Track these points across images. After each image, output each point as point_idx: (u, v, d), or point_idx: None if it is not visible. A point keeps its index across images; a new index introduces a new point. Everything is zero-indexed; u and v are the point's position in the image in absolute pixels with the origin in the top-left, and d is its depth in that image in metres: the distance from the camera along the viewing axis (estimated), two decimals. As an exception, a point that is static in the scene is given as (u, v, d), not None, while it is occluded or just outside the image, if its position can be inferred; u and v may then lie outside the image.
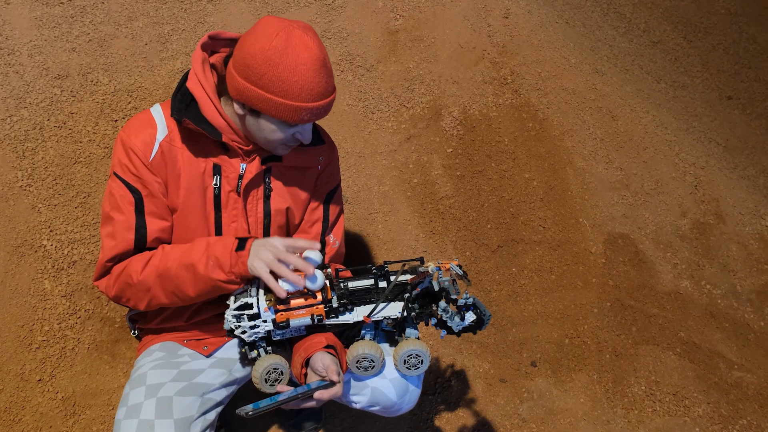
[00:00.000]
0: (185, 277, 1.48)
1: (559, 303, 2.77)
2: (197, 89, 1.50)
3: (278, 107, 1.41)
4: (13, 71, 2.41)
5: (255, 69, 1.38)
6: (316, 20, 2.95)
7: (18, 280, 2.17)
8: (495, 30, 3.22)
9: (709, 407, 2.62)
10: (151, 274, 1.51)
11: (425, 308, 1.57)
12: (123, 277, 1.54)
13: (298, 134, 1.51)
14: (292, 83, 1.38)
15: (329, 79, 1.43)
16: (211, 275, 1.46)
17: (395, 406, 1.70)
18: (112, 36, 2.59)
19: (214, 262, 1.46)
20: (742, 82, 4.07)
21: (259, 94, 1.40)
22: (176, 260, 1.50)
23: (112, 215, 1.54)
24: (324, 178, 1.74)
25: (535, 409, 2.51)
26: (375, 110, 2.90)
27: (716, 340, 2.82)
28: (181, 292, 1.51)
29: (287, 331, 1.55)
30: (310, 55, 1.37)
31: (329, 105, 1.47)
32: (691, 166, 3.24)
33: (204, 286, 1.48)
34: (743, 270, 3.03)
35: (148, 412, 1.53)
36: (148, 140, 1.52)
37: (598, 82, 3.30)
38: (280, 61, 1.36)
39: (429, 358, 1.58)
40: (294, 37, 1.37)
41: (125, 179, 1.53)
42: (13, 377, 2.08)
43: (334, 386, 1.48)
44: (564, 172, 3.03)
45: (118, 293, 1.58)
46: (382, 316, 1.55)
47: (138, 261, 1.53)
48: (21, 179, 2.27)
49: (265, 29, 1.39)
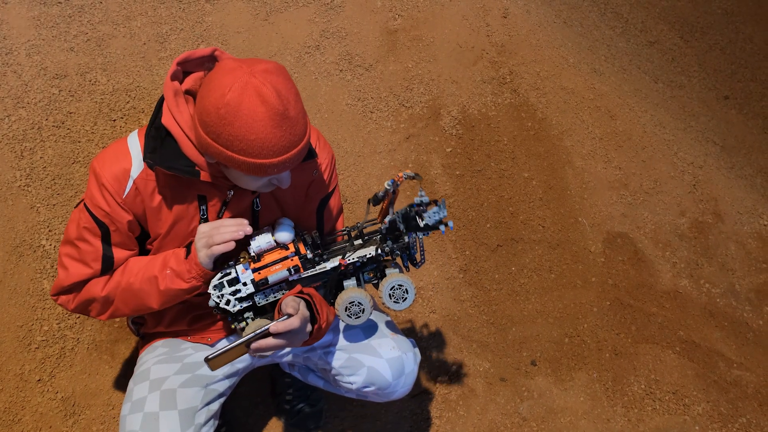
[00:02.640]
0: (149, 290, 1.51)
1: (558, 302, 2.77)
2: (172, 126, 1.41)
3: (241, 164, 1.31)
4: (11, 71, 2.40)
5: (212, 127, 1.28)
6: (315, 20, 2.94)
7: (17, 280, 2.16)
8: (494, 29, 3.22)
9: (708, 406, 2.62)
10: (115, 289, 1.53)
11: (398, 242, 1.61)
12: (83, 294, 1.55)
13: (275, 180, 1.43)
14: (250, 141, 1.27)
15: (294, 128, 1.31)
16: (171, 286, 1.48)
17: (390, 387, 1.71)
18: (111, 35, 2.59)
19: (172, 273, 1.48)
20: (739, 81, 4.07)
21: (221, 151, 1.31)
22: (138, 275, 1.52)
23: (78, 244, 1.52)
24: (315, 186, 1.69)
25: (536, 407, 2.51)
26: (374, 110, 2.90)
27: (715, 338, 2.82)
28: (144, 305, 1.54)
29: (269, 290, 1.56)
30: (266, 109, 1.25)
31: (299, 154, 1.36)
32: (690, 165, 3.24)
33: (167, 297, 1.51)
34: (742, 269, 3.04)
35: (153, 405, 1.54)
36: (121, 177, 1.46)
37: (597, 81, 3.31)
38: (234, 119, 1.25)
39: (414, 288, 1.62)
40: (248, 90, 1.25)
41: (95, 214, 1.49)
42: (12, 377, 2.07)
43: (290, 318, 1.44)
44: (563, 172, 3.03)
45: (78, 309, 1.59)
46: (357, 257, 1.59)
47: (97, 282, 1.54)
48: (19, 179, 2.27)
49: (220, 80, 1.27)
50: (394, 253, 1.62)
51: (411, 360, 1.74)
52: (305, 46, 2.89)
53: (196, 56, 1.45)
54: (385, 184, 1.51)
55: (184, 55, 1.43)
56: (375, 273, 1.66)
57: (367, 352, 1.72)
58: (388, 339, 1.73)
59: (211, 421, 1.63)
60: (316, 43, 2.91)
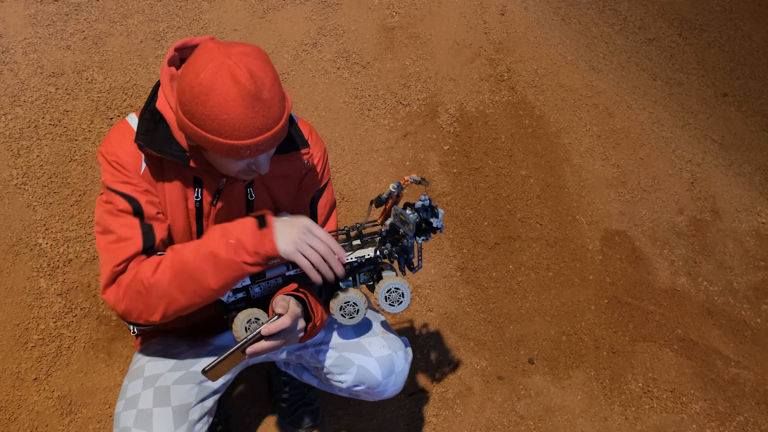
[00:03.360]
0: (205, 268, 1.39)
1: (556, 300, 2.77)
2: (166, 110, 1.42)
3: (215, 145, 1.31)
4: (8, 69, 2.39)
5: (187, 105, 1.29)
6: (312, 17, 2.94)
7: (13, 278, 2.15)
8: (491, 27, 3.21)
9: (706, 404, 2.62)
10: (165, 274, 1.41)
11: (396, 245, 1.62)
12: (134, 285, 1.43)
13: (252, 165, 1.41)
14: (222, 122, 1.26)
15: (267, 111, 1.30)
16: (235, 258, 1.38)
17: (380, 386, 1.71)
18: (107, 33, 2.58)
19: (236, 243, 1.39)
20: (738, 79, 4.07)
21: (196, 130, 1.30)
22: (192, 253, 1.41)
23: (112, 226, 1.46)
24: (308, 180, 1.68)
25: (533, 406, 2.51)
26: (371, 107, 2.89)
27: (713, 336, 2.82)
28: (202, 287, 1.41)
29: (265, 284, 1.55)
30: (238, 89, 1.24)
31: (274, 137, 1.34)
32: (688, 163, 3.24)
33: (229, 273, 1.40)
34: (740, 267, 3.04)
35: (146, 402, 1.54)
36: (135, 153, 1.46)
37: (595, 79, 3.30)
38: (207, 98, 1.25)
39: (410, 292, 1.62)
40: (222, 70, 1.25)
41: (120, 191, 1.46)
42: (8, 376, 2.07)
43: (280, 318, 1.42)
44: (561, 169, 3.03)
45: (129, 305, 1.45)
46: (355, 257, 1.59)
47: (147, 265, 1.43)
48: (16, 177, 2.26)
49: (196, 60, 1.28)
50: (392, 256, 1.62)
51: (401, 359, 1.73)
52: (302, 44, 2.89)
53: (193, 43, 1.46)
54: (390, 187, 1.51)
55: (181, 42, 1.45)
56: (371, 275, 1.66)
57: (357, 351, 1.71)
58: (379, 337, 1.73)
59: (205, 417, 1.63)
60: (313, 41, 2.91)
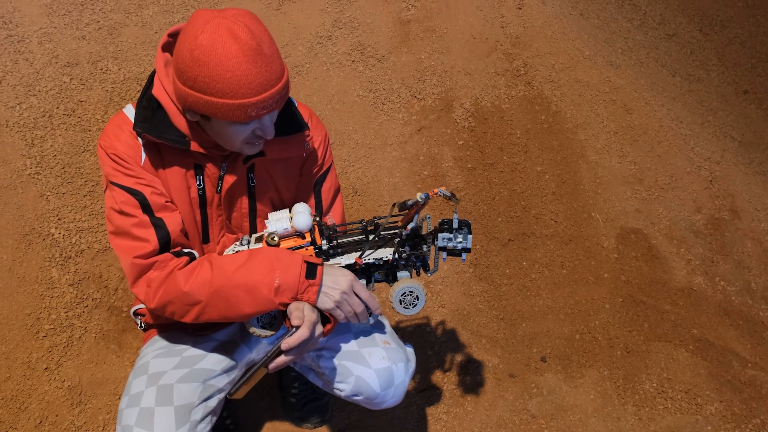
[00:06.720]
0: (243, 297, 1.41)
1: (570, 298, 2.74)
2: (162, 97, 1.41)
3: (221, 108, 1.30)
4: (23, 59, 2.40)
5: (187, 72, 1.28)
6: (327, 10, 2.92)
7: (26, 268, 2.16)
8: (508, 21, 3.18)
9: (721, 405, 2.58)
10: (202, 288, 1.42)
11: (415, 249, 1.60)
12: (167, 287, 1.44)
13: (258, 131, 1.40)
14: (226, 81, 1.26)
15: (270, 66, 1.29)
16: (274, 299, 1.41)
17: (378, 398, 1.67)
18: (122, 24, 2.58)
19: (283, 287, 1.41)
20: (759, 76, 4.00)
21: (199, 97, 1.29)
22: (232, 277, 1.41)
23: (124, 227, 1.46)
24: (310, 163, 1.66)
25: (545, 404, 2.48)
26: (386, 101, 2.87)
27: (730, 337, 2.77)
28: (235, 311, 1.43)
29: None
30: (239, 45, 1.24)
31: (279, 94, 1.33)
32: (706, 160, 3.19)
33: (264, 307, 1.43)
34: (758, 267, 2.99)
35: (149, 400, 1.53)
36: (134, 144, 1.45)
37: (613, 74, 3.26)
38: (209, 59, 1.24)
39: (425, 295, 1.61)
40: (220, 30, 1.24)
41: (123, 184, 1.45)
42: (20, 365, 2.07)
43: (298, 330, 1.41)
44: (577, 166, 2.99)
45: (161, 305, 1.47)
46: (373, 258, 1.57)
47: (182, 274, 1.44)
48: (30, 167, 2.27)
49: (192, 26, 1.27)
50: (410, 259, 1.61)
51: (401, 371, 1.68)
52: (317, 36, 2.87)
53: None
54: (417, 196, 1.48)
55: (175, 27, 1.44)
56: (386, 274, 1.64)
57: (357, 361, 1.67)
58: (379, 348, 1.68)
59: (208, 417, 1.61)
60: (328, 33, 2.89)
